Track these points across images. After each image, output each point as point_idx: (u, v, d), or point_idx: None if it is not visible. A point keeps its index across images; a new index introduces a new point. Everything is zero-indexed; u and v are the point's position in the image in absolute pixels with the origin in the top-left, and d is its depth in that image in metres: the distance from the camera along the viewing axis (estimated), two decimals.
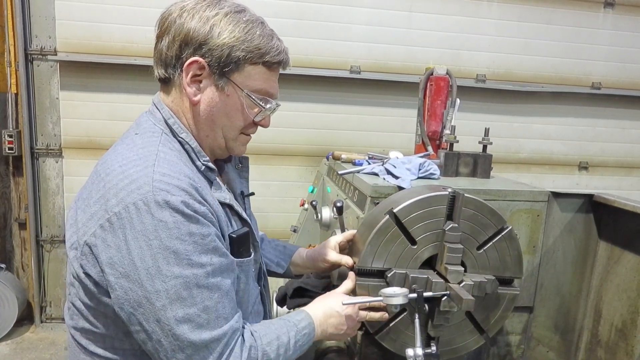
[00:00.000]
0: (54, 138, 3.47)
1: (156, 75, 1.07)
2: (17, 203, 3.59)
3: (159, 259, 0.87)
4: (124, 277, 0.88)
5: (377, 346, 1.39)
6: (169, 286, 0.88)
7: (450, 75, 2.22)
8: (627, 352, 1.62)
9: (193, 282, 0.90)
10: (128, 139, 1.02)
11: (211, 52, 0.99)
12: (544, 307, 1.75)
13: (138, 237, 0.87)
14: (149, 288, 0.88)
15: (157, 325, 0.89)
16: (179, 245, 0.88)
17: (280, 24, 3.44)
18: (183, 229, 0.89)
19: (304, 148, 3.67)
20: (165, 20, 1.03)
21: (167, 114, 1.05)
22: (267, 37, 1.04)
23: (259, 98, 1.06)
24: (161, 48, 1.03)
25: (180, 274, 0.89)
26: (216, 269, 0.94)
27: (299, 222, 2.61)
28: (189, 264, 0.89)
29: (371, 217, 1.41)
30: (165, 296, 0.88)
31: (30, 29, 3.31)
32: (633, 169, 4.16)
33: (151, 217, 0.87)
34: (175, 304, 0.88)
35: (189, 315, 0.89)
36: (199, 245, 0.90)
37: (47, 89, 3.41)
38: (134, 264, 0.87)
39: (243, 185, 1.26)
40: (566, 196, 1.69)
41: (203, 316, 0.91)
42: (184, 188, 0.91)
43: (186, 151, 1.04)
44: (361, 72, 3.61)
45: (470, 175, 1.89)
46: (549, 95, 3.90)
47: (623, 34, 3.90)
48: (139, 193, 0.88)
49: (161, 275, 0.88)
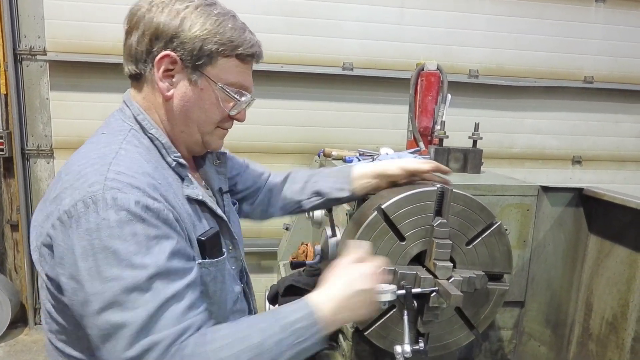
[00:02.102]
0: (45, 139, 3.44)
1: (126, 72, 1.05)
2: (8, 205, 3.57)
3: (99, 259, 0.83)
4: (70, 277, 0.85)
5: (368, 343, 1.38)
6: (106, 288, 0.83)
7: (441, 70, 2.22)
8: (617, 345, 1.62)
9: (132, 286, 0.83)
10: (94, 138, 1.01)
11: (183, 45, 0.98)
12: (535, 301, 1.75)
13: (82, 236, 0.84)
14: (89, 290, 0.83)
15: (96, 329, 0.84)
16: (119, 245, 0.83)
17: (271, 22, 3.43)
18: (126, 228, 0.84)
19: (297, 145, 3.66)
20: (134, 15, 1.01)
21: (137, 110, 1.03)
22: (239, 29, 1.03)
23: (233, 91, 1.05)
24: (131, 43, 1.01)
25: (119, 276, 0.83)
26: (162, 271, 0.86)
27: (291, 220, 2.61)
28: (130, 265, 0.83)
29: (360, 213, 1.41)
30: (101, 299, 0.83)
31: (19, 29, 3.28)
32: (626, 162, 4.17)
33: (96, 215, 0.84)
34: (112, 307, 0.83)
35: (125, 320, 0.83)
36: (142, 246, 0.85)
37: (37, 89, 3.38)
38: (77, 264, 0.84)
39: (221, 181, 1.24)
40: (556, 190, 1.69)
41: (143, 321, 0.83)
42: (137, 186, 0.88)
43: (156, 147, 1.03)
44: (354, 69, 3.60)
45: (461, 171, 1.88)
46: (541, 90, 3.90)
47: (615, 27, 3.90)
48: (89, 190, 0.85)
49: (100, 276, 0.83)
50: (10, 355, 3.28)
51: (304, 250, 2.30)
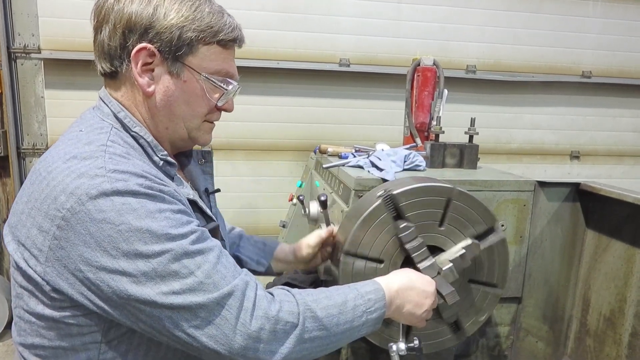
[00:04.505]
0: (40, 137, 3.42)
1: (100, 70, 0.99)
2: (4, 204, 3.55)
3: (134, 241, 0.80)
4: (102, 270, 0.80)
5: (364, 340, 1.37)
6: (155, 264, 0.80)
7: (437, 65, 2.20)
8: (615, 340, 1.61)
9: (180, 253, 0.82)
10: (72, 135, 0.92)
11: (159, 36, 0.92)
12: (532, 297, 1.74)
13: (103, 227, 0.79)
14: (134, 272, 0.80)
15: (156, 308, 0.81)
16: (151, 223, 0.81)
17: (267, 18, 3.40)
18: (151, 207, 0.81)
19: (294, 142, 3.64)
20: (101, 9, 0.94)
21: (117, 108, 0.97)
22: (217, 13, 0.97)
23: (219, 80, 0.99)
24: (102, 39, 0.94)
25: (163, 250, 0.81)
26: (200, 235, 0.86)
27: (288, 217, 2.60)
28: (169, 237, 0.81)
29: (357, 205, 1.39)
30: (154, 275, 0.80)
31: (13, 27, 3.26)
32: (624, 157, 4.16)
33: (111, 203, 0.79)
34: (168, 279, 0.81)
35: (187, 285, 0.81)
36: (172, 220, 0.83)
37: (32, 87, 3.36)
38: (109, 254, 0.79)
39: (207, 181, 1.19)
40: (553, 185, 1.68)
41: (205, 281, 0.83)
42: (141, 174, 0.84)
43: (141, 146, 0.96)
44: (350, 65, 3.58)
45: (457, 166, 1.87)
46: (539, 85, 3.88)
47: (613, 22, 3.88)
48: (91, 184, 0.80)
49: (142, 256, 0.80)
50: (9, 354, 3.28)
51: None
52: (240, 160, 3.57)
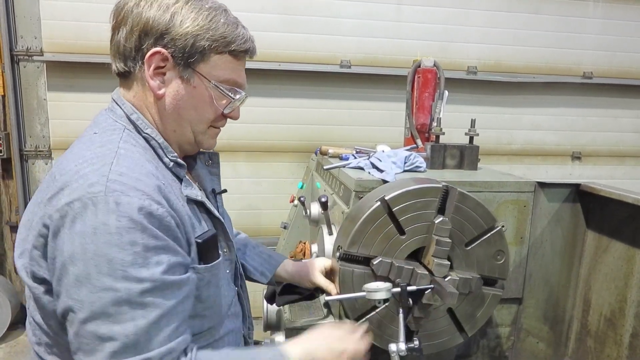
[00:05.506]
0: (43, 139, 3.44)
1: (114, 70, 1.02)
2: (7, 206, 3.57)
3: (90, 265, 0.79)
4: (57, 280, 0.82)
5: None
6: (96, 298, 0.79)
7: (437, 66, 2.20)
8: (615, 341, 1.61)
9: (124, 298, 0.80)
10: (85, 138, 0.96)
11: (174, 42, 0.94)
12: (532, 298, 1.74)
13: (74, 238, 0.80)
14: (74, 296, 0.80)
15: (79, 338, 0.81)
16: (116, 253, 0.79)
17: (268, 20, 3.42)
18: (126, 236, 0.80)
19: (295, 144, 3.65)
20: (120, 10, 0.97)
21: (129, 110, 1.00)
22: (232, 25, 1.00)
23: (227, 89, 1.02)
24: (118, 40, 0.97)
25: (111, 287, 0.79)
26: (157, 286, 0.83)
27: (289, 219, 2.60)
28: (124, 276, 0.79)
29: (356, 208, 1.40)
30: (89, 308, 0.79)
31: (15, 30, 3.28)
32: (625, 157, 4.16)
33: (94, 218, 0.79)
34: (100, 318, 0.79)
35: (113, 334, 0.79)
36: (139, 257, 0.81)
37: (34, 90, 3.38)
38: (65, 267, 0.80)
39: (214, 182, 1.21)
40: (553, 186, 1.68)
41: (131, 337, 0.80)
42: (141, 189, 0.84)
43: (152, 147, 0.99)
44: (351, 67, 3.59)
45: (457, 168, 1.88)
46: (540, 86, 3.89)
47: (613, 22, 3.88)
48: (89, 191, 0.81)
49: (90, 284, 0.79)
50: (11, 356, 3.29)
51: (302, 248, 2.29)
52: (242, 162, 3.58)
